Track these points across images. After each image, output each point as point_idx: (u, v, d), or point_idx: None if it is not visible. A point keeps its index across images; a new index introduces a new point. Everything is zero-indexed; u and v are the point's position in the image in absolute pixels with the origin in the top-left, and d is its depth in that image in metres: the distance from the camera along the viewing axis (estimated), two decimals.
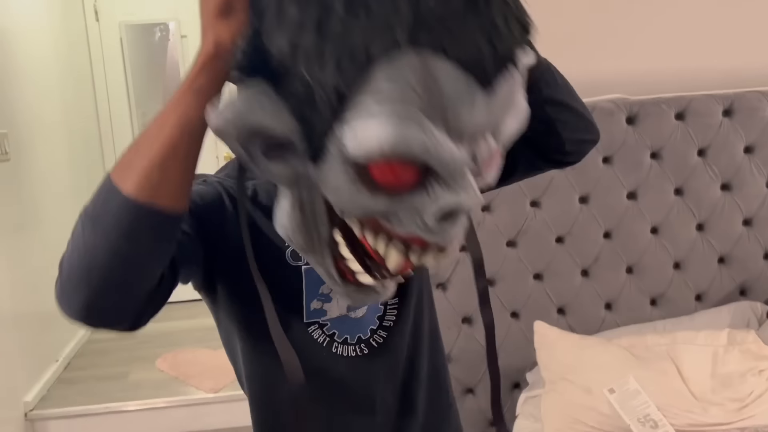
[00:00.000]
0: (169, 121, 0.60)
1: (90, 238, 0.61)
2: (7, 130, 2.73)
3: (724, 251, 2.08)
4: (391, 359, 0.90)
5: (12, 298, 2.69)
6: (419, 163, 0.56)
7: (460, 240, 0.67)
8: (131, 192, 0.59)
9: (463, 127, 0.57)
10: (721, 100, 2.02)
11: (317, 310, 0.85)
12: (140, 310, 0.66)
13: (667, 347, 1.83)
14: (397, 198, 0.59)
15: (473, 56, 0.55)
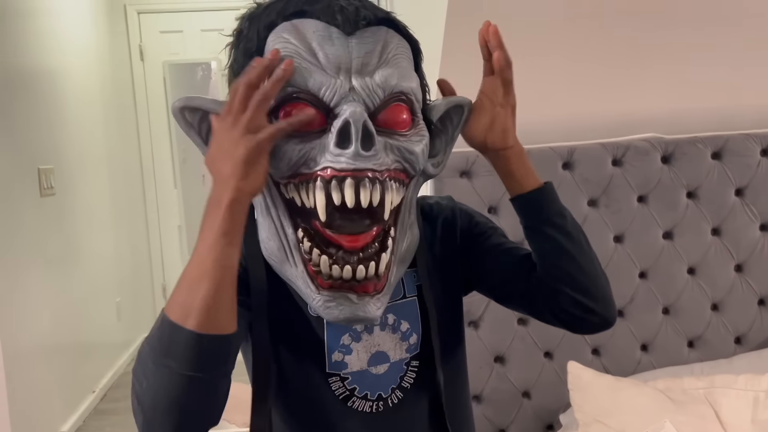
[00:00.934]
0: (209, 263, 0.66)
1: (164, 375, 0.64)
2: (54, 166, 2.82)
3: (765, 293, 2.05)
4: (408, 420, 0.89)
5: (52, 328, 2.75)
6: (312, 99, 0.74)
7: (372, 165, 0.74)
8: (196, 328, 0.63)
9: (331, 58, 0.74)
10: (759, 140, 2.01)
11: (338, 362, 0.84)
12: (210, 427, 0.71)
13: (705, 391, 1.79)
14: (306, 140, 0.75)
15: (336, 18, 0.75)
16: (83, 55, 3.41)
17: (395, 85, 0.77)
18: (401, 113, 0.79)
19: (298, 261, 0.78)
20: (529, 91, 1.82)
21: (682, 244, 2.01)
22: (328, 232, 0.76)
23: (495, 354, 1.98)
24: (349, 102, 0.73)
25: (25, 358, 2.46)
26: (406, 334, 0.87)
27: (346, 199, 0.72)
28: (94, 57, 3.57)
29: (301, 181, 0.75)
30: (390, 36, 0.79)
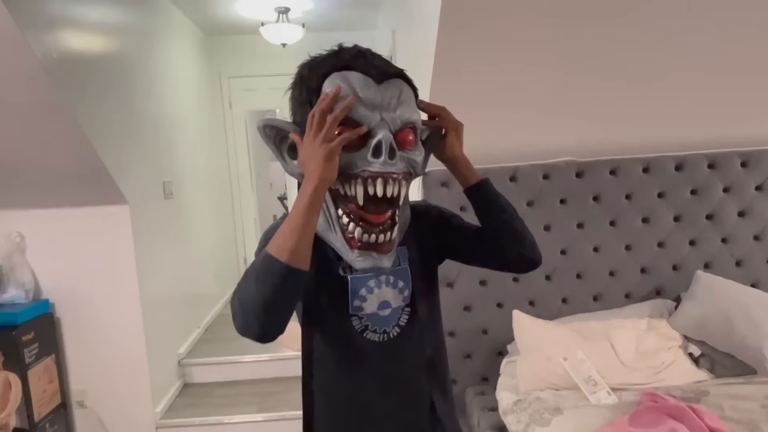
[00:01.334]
0: (299, 223, 0.69)
1: (261, 289, 0.68)
2: (172, 179, 2.86)
3: (644, 264, 2.05)
4: (401, 346, 0.88)
5: (171, 285, 2.78)
6: (355, 125, 0.75)
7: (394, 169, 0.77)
8: (286, 261, 0.68)
9: (368, 100, 0.76)
10: (640, 162, 2.01)
11: (357, 306, 0.85)
12: (281, 331, 0.73)
13: (604, 330, 1.81)
14: (352, 152, 0.76)
15: (372, 71, 0.77)
16: (192, 105, 3.45)
17: (407, 118, 0.80)
18: (410, 135, 0.81)
19: (337, 230, 0.80)
20: (492, 133, 1.86)
21: (589, 231, 2.02)
22: (362, 212, 0.78)
23: (464, 305, 2.01)
24: (380, 128, 0.76)
25: (155, 305, 2.48)
26: (401, 289, 0.87)
27: (377, 192, 0.76)
28: (199, 106, 3.61)
29: (345, 178, 0.77)
30: (403, 85, 0.81)
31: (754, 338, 1.69)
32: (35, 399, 2.09)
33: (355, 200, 0.78)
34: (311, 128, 0.72)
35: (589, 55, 1.70)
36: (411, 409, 0.89)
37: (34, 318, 2.12)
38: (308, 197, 0.70)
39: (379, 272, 0.84)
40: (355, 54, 0.80)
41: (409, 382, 0.89)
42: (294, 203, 0.72)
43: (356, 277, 0.84)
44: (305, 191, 0.71)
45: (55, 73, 1.69)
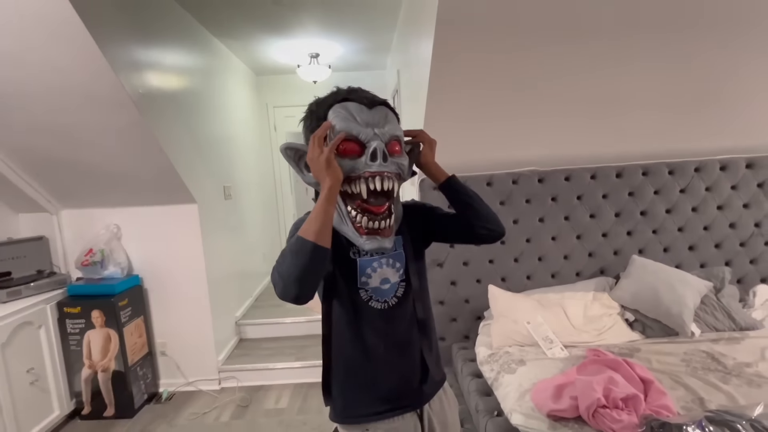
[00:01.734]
0: (321, 213, 0.73)
1: (295, 262, 0.71)
2: (231, 184, 2.87)
3: (592, 250, 2.02)
4: (399, 312, 0.88)
5: (230, 265, 2.79)
6: (354, 139, 0.78)
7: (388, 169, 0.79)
8: (313, 239, 0.71)
9: (363, 120, 0.79)
10: (589, 171, 1.97)
11: (364, 281, 0.85)
12: (312, 295, 0.75)
13: (559, 300, 1.79)
14: (354, 159, 0.78)
15: (364, 101, 0.81)
16: (245, 128, 3.44)
17: (393, 132, 0.82)
18: (396, 146, 0.83)
19: (348, 222, 0.82)
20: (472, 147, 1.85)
21: (548, 225, 1.99)
22: (366, 205, 0.80)
23: (451, 280, 2.00)
24: (374, 140, 0.79)
25: (217, 279, 2.49)
26: (398, 268, 0.88)
27: (377, 187, 0.78)
28: (250, 128, 3.60)
29: (350, 180, 0.79)
30: (387, 111, 0.84)
31: (676, 307, 1.66)
32: (129, 349, 2.14)
33: (360, 196, 0.79)
34: (311, 150, 0.76)
35: (548, 88, 1.69)
36: (405, 360, 0.89)
37: (127, 289, 2.16)
38: (326, 193, 0.73)
39: (383, 251, 0.84)
40: (350, 90, 0.83)
41: (403, 340, 0.89)
42: (317, 202, 0.74)
43: (363, 260, 0.85)
44: (323, 191, 0.74)
45: (140, 105, 1.71)
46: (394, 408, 0.87)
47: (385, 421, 0.86)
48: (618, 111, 1.81)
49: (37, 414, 1.92)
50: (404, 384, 0.88)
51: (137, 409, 2.17)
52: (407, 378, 0.89)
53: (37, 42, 1.42)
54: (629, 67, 1.63)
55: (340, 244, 0.84)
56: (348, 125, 0.79)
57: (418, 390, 0.90)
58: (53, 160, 1.94)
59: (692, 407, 1.22)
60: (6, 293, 1.89)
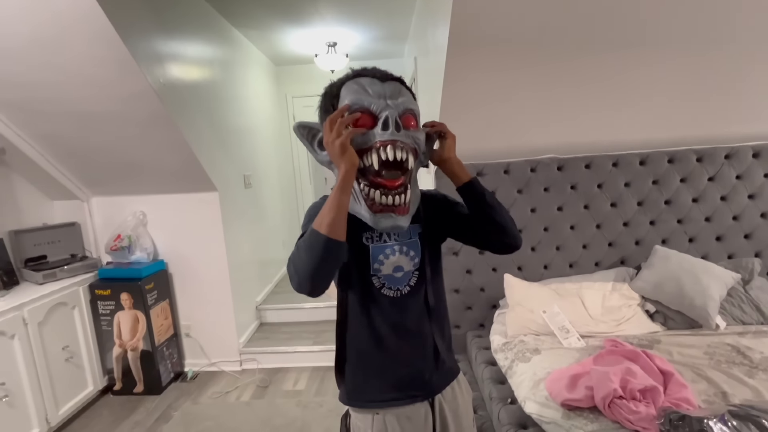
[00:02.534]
0: (335, 204, 0.70)
1: (309, 257, 0.69)
2: (251, 173, 2.90)
3: (612, 239, 1.95)
4: (411, 301, 0.85)
5: (252, 251, 2.82)
6: (366, 111, 0.75)
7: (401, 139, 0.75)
8: (326, 233, 0.68)
9: (374, 92, 0.76)
10: (610, 158, 1.89)
11: (377, 268, 0.83)
12: (327, 287, 0.74)
13: (577, 290, 1.74)
14: (366, 133, 0.75)
15: (377, 75, 0.78)
16: (265, 117, 3.45)
17: (408, 105, 0.78)
18: (411, 120, 0.79)
19: (361, 200, 0.78)
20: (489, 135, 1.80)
21: (567, 213, 1.93)
22: (378, 179, 0.76)
23: (466, 269, 1.97)
24: (386, 109, 0.75)
25: (238, 265, 2.53)
26: (412, 257, 0.84)
27: (389, 156, 0.73)
28: (270, 119, 3.61)
29: (362, 153, 0.75)
30: (402, 87, 0.81)
31: (701, 299, 1.59)
32: (155, 330, 2.22)
33: (372, 169, 0.75)
34: (326, 134, 0.73)
35: (569, 72, 1.62)
36: (417, 349, 0.87)
37: (153, 273, 2.23)
38: (340, 181, 0.70)
39: (398, 230, 0.79)
40: (363, 67, 0.81)
41: (415, 328, 0.86)
42: (332, 189, 0.71)
43: (376, 246, 0.83)
44: (338, 178, 0.71)
45: (162, 95, 1.74)
46: (405, 396, 0.85)
47: (395, 407, 0.85)
48: (642, 95, 1.72)
49: (73, 389, 2.03)
50: (415, 373, 0.86)
51: (164, 387, 2.26)
52: (418, 367, 0.86)
53: (61, 33, 1.45)
54: (655, 47, 1.54)
55: (353, 228, 0.80)
56: (359, 97, 0.76)
57: (429, 380, 0.87)
58: (81, 148, 2.00)
59: (714, 401, 1.17)
60: (42, 275, 1.99)
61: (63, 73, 1.60)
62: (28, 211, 2.18)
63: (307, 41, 3.18)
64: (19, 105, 1.77)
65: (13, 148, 1.95)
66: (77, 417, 2.05)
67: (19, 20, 1.40)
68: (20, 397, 1.74)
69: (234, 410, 2.06)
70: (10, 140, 1.91)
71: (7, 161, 2.04)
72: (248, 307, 2.72)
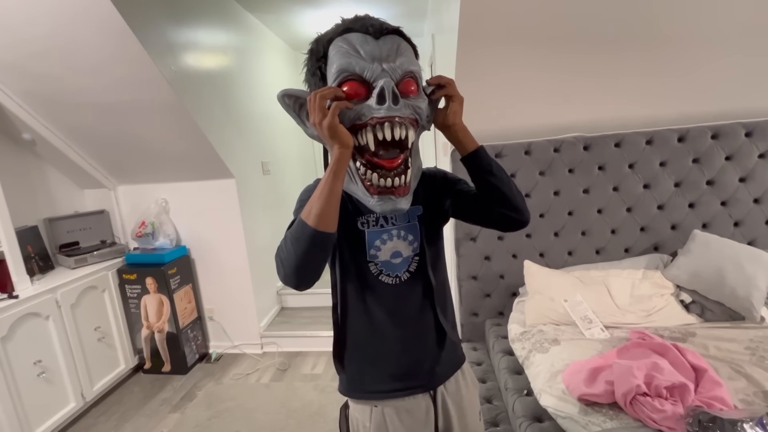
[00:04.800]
0: (325, 191, 0.65)
1: (295, 249, 0.65)
2: (269, 159, 2.90)
3: (644, 224, 1.80)
4: (411, 288, 0.80)
5: (270, 239, 2.82)
6: (359, 78, 0.67)
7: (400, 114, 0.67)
8: (314, 225, 0.64)
9: (367, 54, 0.66)
10: (644, 135, 1.74)
11: (373, 254, 0.79)
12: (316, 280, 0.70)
13: (602, 278, 1.64)
14: (359, 103, 0.67)
15: (369, 29, 0.68)
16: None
17: (407, 67, 0.69)
18: (411, 85, 0.70)
19: (358, 180, 0.72)
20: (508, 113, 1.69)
21: (594, 196, 1.80)
22: (376, 159, 0.69)
23: (485, 255, 1.89)
24: (382, 77, 0.65)
25: (257, 251, 2.56)
26: (411, 242, 0.80)
27: (386, 136, 0.67)
28: None
29: (356, 130, 0.67)
30: (400, 40, 0.70)
31: (744, 288, 1.45)
32: (180, 313, 2.30)
33: (368, 148, 0.68)
34: (312, 113, 0.65)
35: (594, 38, 1.47)
36: (417, 338, 0.83)
37: (176, 258, 2.31)
38: (332, 166, 0.65)
39: (398, 213, 0.73)
40: (354, 18, 0.69)
41: (416, 316, 0.82)
42: (323, 177, 0.66)
43: (372, 231, 0.79)
44: (331, 162, 0.65)
45: (174, 84, 1.75)
46: (405, 388, 0.82)
47: (395, 399, 0.81)
48: (681, 61, 1.54)
49: (106, 367, 2.15)
50: (415, 363, 0.82)
51: (190, 367, 2.36)
52: (418, 357, 0.82)
53: (70, 22, 1.47)
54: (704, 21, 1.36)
55: (347, 212, 0.77)
56: (348, 61, 0.66)
57: (430, 371, 0.83)
58: (103, 138, 2.07)
59: (753, 401, 1.06)
60: (74, 260, 2.10)
61: (74, 64, 1.63)
62: (61, 199, 2.30)
63: (324, 23, 3.09)
64: (43, 97, 1.84)
65: (42, 139, 2.04)
66: (111, 393, 2.18)
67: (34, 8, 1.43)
68: (57, 374, 1.87)
69: (254, 391, 2.12)
70: (39, 132, 2.00)
71: (39, 152, 2.15)
72: (269, 292, 2.77)
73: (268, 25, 3.08)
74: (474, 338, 1.92)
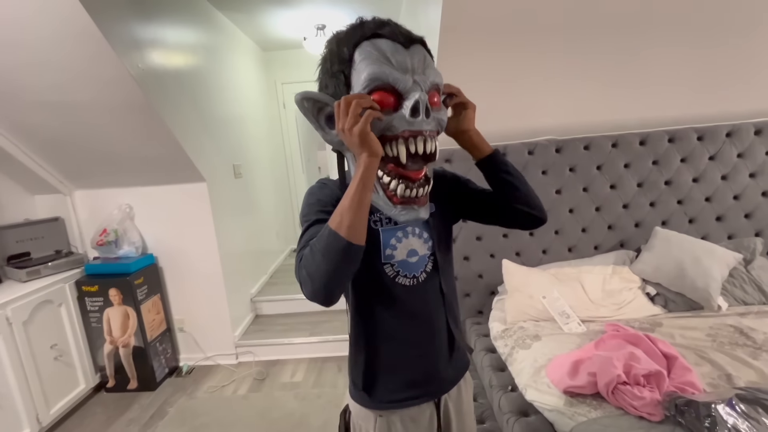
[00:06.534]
0: (356, 201, 0.62)
1: (326, 263, 0.61)
2: (241, 162, 2.83)
3: (611, 222, 1.91)
4: (428, 289, 0.79)
5: (245, 242, 2.78)
6: (390, 88, 0.65)
7: (430, 128, 0.67)
8: (347, 237, 0.61)
9: (399, 64, 0.65)
10: (609, 138, 1.85)
11: (389, 255, 0.75)
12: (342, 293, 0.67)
13: (576, 275, 1.71)
14: (389, 114, 0.65)
15: (399, 38, 0.65)
16: (254, 105, 3.37)
17: (434, 80, 0.68)
18: (435, 96, 0.70)
19: (380, 190, 0.70)
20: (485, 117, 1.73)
21: (565, 196, 1.89)
22: (403, 171, 0.68)
23: (464, 255, 1.94)
24: (415, 90, 0.65)
25: (230, 257, 2.49)
26: (426, 239, 0.78)
27: (418, 150, 0.65)
28: (259, 107, 3.52)
29: (384, 140, 0.66)
30: (425, 52, 0.69)
31: (702, 280, 1.57)
32: (147, 325, 2.17)
33: (396, 159, 0.67)
34: (339, 118, 0.63)
35: (566, 49, 1.55)
36: (433, 342, 0.80)
37: (142, 267, 2.17)
38: (361, 175, 0.62)
39: (419, 222, 0.73)
40: (380, 23, 0.66)
41: (432, 318, 0.80)
42: (350, 183, 0.63)
43: (386, 230, 0.76)
44: (358, 170, 0.63)
45: (141, 82, 1.65)
46: (417, 396, 0.80)
47: (401, 410, 0.80)
48: (641, 72, 1.66)
49: (64, 387, 1.98)
50: (431, 369, 0.80)
51: (159, 382, 2.22)
52: (433, 361, 0.80)
53: (30, 16, 1.35)
54: (654, 23, 1.47)
55: None
56: (381, 70, 0.64)
57: (443, 375, 0.82)
58: (59, 139, 1.91)
59: (719, 384, 1.15)
60: (25, 273, 1.92)
61: (33, 58, 1.50)
62: (8, 206, 2.10)
63: (295, 24, 3.06)
64: None
65: None
66: (70, 416, 2.01)
67: None
68: (8, 398, 1.70)
69: (231, 404, 2.03)
70: None
71: None
72: (243, 300, 2.68)
73: (238, 24, 2.99)
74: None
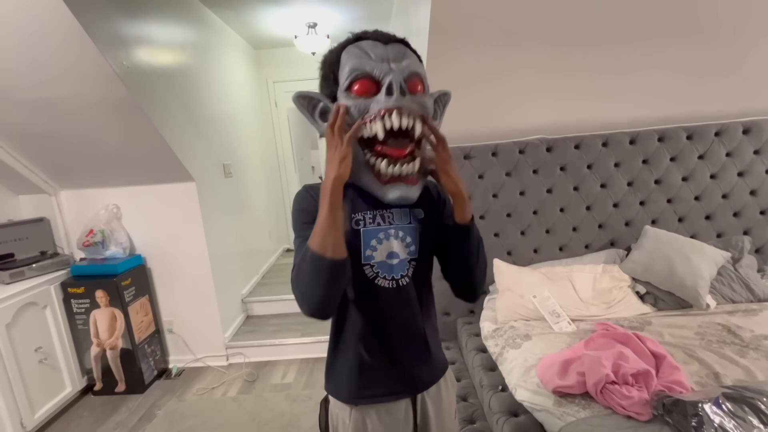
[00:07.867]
0: (329, 222, 0.64)
1: (315, 284, 0.65)
2: (231, 162, 2.80)
3: (602, 221, 1.91)
4: (408, 292, 0.79)
5: (235, 242, 2.76)
6: (368, 77, 0.70)
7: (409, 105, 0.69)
8: (327, 255, 0.64)
9: (377, 56, 0.70)
10: (600, 137, 1.85)
11: (369, 255, 0.76)
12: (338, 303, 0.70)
13: (567, 273, 1.71)
14: (368, 99, 0.70)
15: (379, 38, 0.72)
16: (245, 104, 3.34)
17: (413, 68, 0.72)
18: (418, 84, 0.73)
19: (367, 171, 0.73)
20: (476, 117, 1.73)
21: (557, 195, 1.89)
22: (384, 149, 0.70)
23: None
24: (390, 73, 0.69)
25: (220, 258, 2.47)
26: (408, 244, 0.78)
27: (394, 124, 0.68)
28: (250, 106, 3.50)
29: (364, 123, 0.70)
30: (406, 49, 0.74)
31: (691, 278, 1.58)
32: (135, 327, 2.14)
33: (376, 138, 0.70)
34: (329, 140, 0.68)
35: (556, 49, 1.55)
36: (407, 344, 0.81)
37: (130, 268, 2.14)
38: (328, 200, 0.65)
39: (408, 201, 0.73)
40: (364, 30, 0.74)
41: (408, 322, 0.80)
42: (320, 206, 0.66)
43: (367, 230, 0.76)
44: (326, 191, 0.65)
45: (127, 80, 1.62)
46: (390, 393, 0.81)
47: (374, 405, 0.80)
48: (632, 72, 1.66)
49: (50, 391, 1.95)
50: (404, 371, 0.81)
51: (148, 385, 2.19)
52: (406, 363, 0.81)
53: (15, 19, 1.32)
54: (644, 24, 1.47)
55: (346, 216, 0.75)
56: (360, 62, 0.70)
57: (418, 377, 0.82)
58: (44, 138, 1.88)
59: (707, 382, 1.15)
60: (9, 275, 1.88)
61: (17, 57, 1.47)
62: None
63: (287, 22, 3.04)
64: None
65: None
66: (56, 420, 1.98)
67: None
68: None
69: (220, 406, 2.00)
70: None
71: None
72: (233, 300, 2.66)
73: (228, 22, 2.96)
74: (447, 337, 1.94)
